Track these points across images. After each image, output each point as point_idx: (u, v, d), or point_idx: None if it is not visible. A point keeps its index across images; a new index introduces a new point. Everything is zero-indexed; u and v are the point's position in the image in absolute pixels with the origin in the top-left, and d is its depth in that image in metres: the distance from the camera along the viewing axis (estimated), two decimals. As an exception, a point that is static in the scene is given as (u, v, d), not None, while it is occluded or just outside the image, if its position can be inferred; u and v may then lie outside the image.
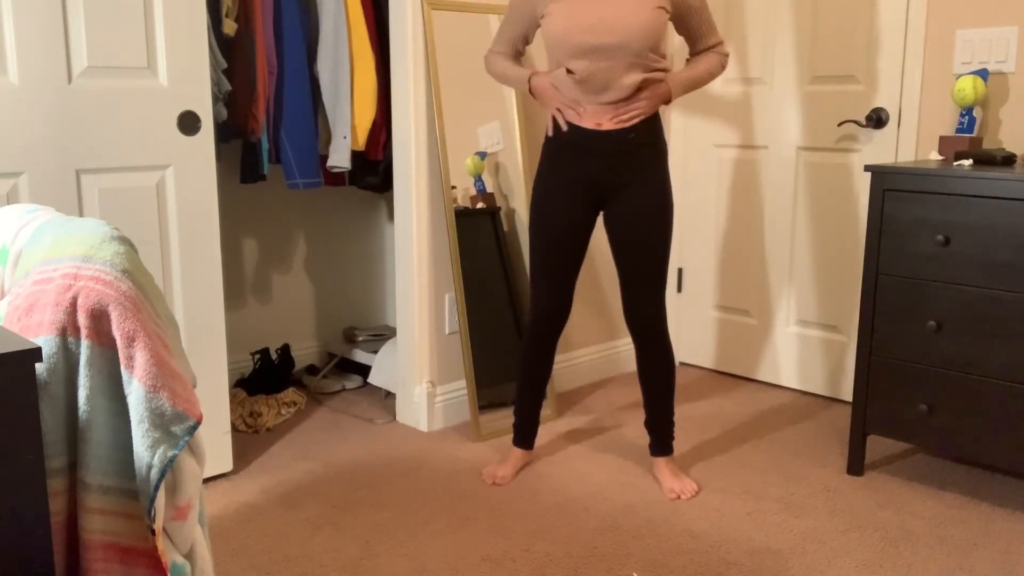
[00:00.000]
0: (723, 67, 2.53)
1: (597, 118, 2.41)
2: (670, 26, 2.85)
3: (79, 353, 1.21)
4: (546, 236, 2.53)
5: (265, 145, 3.00)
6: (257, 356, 3.39)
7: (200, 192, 2.50)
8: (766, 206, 3.48)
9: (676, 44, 3.59)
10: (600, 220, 2.58)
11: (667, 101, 2.45)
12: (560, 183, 2.49)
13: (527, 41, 2.56)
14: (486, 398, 3.07)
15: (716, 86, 3.56)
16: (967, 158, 2.58)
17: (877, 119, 3.11)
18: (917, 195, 2.49)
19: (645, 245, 2.48)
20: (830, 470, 2.77)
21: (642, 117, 2.40)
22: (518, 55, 2.58)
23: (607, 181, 2.45)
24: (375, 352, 3.38)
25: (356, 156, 3.17)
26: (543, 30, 2.42)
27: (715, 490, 2.62)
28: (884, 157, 3.13)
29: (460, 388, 3.15)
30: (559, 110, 2.44)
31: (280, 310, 3.58)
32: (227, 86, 2.83)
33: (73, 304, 1.21)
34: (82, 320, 1.21)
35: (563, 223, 2.50)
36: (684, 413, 3.27)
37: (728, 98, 3.55)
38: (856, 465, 2.72)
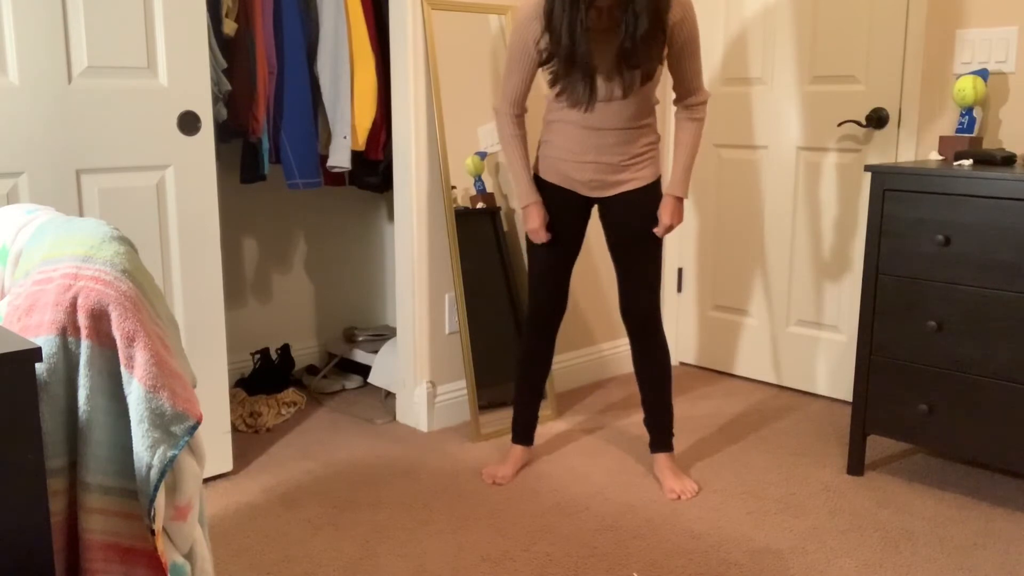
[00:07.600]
0: (702, 128, 2.52)
1: (592, 155, 2.43)
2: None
3: (79, 353, 1.21)
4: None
5: (265, 145, 3.00)
6: (257, 356, 3.39)
7: (200, 192, 2.50)
8: (766, 206, 3.48)
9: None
10: (595, 213, 2.59)
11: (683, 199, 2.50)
12: (556, 184, 2.52)
13: (532, 80, 2.47)
14: (486, 398, 3.07)
15: (716, 86, 3.56)
16: (967, 158, 2.58)
17: (877, 119, 3.11)
18: (917, 195, 2.49)
19: (639, 241, 2.50)
20: (830, 470, 2.77)
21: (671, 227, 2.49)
22: (523, 99, 2.49)
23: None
24: (375, 352, 3.38)
25: (356, 156, 3.17)
26: (544, 66, 2.40)
27: (715, 490, 2.62)
28: (884, 157, 3.13)
29: (460, 388, 3.14)
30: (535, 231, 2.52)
31: (280, 310, 3.58)
32: (227, 86, 2.83)
33: (73, 304, 1.21)
34: (82, 320, 1.21)
35: (561, 223, 2.53)
36: (684, 413, 3.27)
37: (728, 98, 3.54)
38: (856, 465, 2.72)
